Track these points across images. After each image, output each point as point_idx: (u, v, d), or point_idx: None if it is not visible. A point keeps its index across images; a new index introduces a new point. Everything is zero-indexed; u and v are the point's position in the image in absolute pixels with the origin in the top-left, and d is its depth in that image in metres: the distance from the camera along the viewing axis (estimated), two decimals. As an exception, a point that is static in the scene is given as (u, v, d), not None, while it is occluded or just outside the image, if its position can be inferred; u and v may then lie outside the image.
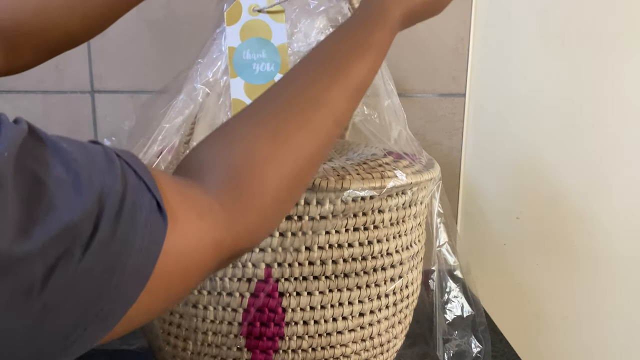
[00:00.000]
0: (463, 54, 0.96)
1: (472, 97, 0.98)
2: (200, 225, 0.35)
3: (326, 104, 0.43)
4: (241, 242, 0.39)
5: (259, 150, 0.40)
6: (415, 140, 0.65)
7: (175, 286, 0.35)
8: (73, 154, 0.30)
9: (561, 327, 1.04)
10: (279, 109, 0.42)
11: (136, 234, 0.31)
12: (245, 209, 0.39)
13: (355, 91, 0.45)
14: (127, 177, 0.32)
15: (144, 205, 0.32)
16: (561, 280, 1.02)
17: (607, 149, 0.97)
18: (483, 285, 0.72)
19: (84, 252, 0.28)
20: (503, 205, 1.00)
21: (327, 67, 0.45)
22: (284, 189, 0.41)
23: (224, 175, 0.39)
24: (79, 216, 0.28)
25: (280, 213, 0.43)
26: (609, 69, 0.94)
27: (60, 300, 0.28)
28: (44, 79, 0.91)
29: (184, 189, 0.37)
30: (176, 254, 0.34)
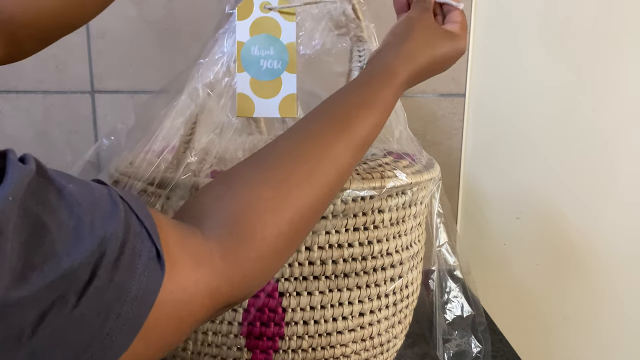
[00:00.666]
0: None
1: (472, 97, 0.98)
2: (197, 274, 0.35)
3: (330, 157, 0.44)
4: (237, 291, 0.39)
5: (261, 198, 0.40)
6: (415, 140, 0.65)
7: (168, 335, 0.34)
8: (78, 197, 0.30)
9: (561, 327, 1.04)
10: (283, 159, 0.43)
11: (133, 281, 0.31)
12: (244, 259, 0.38)
13: (359, 146, 0.46)
14: (130, 223, 0.31)
15: (143, 253, 0.31)
16: (561, 280, 1.02)
17: (607, 148, 0.97)
18: (483, 285, 0.72)
19: (79, 299, 0.28)
20: (503, 205, 1.00)
21: (333, 121, 0.45)
22: (284, 239, 0.41)
23: (224, 222, 0.39)
24: (78, 263, 0.28)
25: (278, 263, 0.43)
26: (609, 68, 0.94)
27: (49, 347, 0.27)
28: (44, 79, 0.92)
29: (184, 235, 0.36)
30: (172, 302, 0.33)
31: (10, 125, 0.93)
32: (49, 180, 0.30)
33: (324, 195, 0.43)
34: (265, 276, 0.42)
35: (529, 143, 0.98)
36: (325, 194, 0.43)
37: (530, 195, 0.99)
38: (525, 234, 1.00)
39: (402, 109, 0.64)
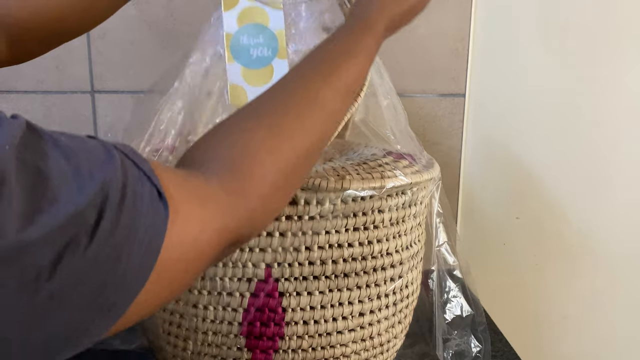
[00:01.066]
0: (463, 54, 0.96)
1: (472, 97, 0.98)
2: (203, 212, 0.36)
3: (319, 102, 0.46)
4: (244, 228, 0.40)
5: (257, 140, 0.42)
6: (415, 140, 0.65)
7: (180, 274, 0.35)
8: (73, 147, 0.31)
9: (561, 327, 1.04)
10: (274, 106, 0.45)
11: (139, 222, 0.31)
12: (246, 195, 0.40)
13: (346, 91, 0.48)
14: (127, 168, 0.32)
15: (144, 194, 0.32)
16: (561, 280, 1.02)
17: (607, 148, 0.97)
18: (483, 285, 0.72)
19: (91, 241, 0.28)
20: (503, 205, 1.00)
21: (319, 69, 0.48)
22: (282, 177, 0.42)
23: (224, 164, 0.40)
24: (84, 206, 0.29)
25: (280, 200, 0.45)
26: (609, 68, 0.94)
27: (67, 289, 0.28)
28: (44, 79, 0.92)
29: (185, 178, 0.37)
30: (180, 241, 0.34)
31: (11, 125, 0.93)
32: (41, 133, 0.30)
33: (317, 138, 0.46)
34: (269, 214, 0.44)
35: (528, 143, 0.98)
36: (317, 136, 0.46)
37: (530, 195, 0.99)
38: (525, 234, 1.00)
39: (402, 109, 0.64)
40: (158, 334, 0.62)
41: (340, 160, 0.64)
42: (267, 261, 0.56)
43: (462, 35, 0.95)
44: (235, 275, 0.56)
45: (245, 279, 0.56)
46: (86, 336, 0.30)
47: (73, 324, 0.29)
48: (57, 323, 0.28)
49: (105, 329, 0.31)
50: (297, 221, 0.55)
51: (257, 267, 0.56)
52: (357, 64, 0.49)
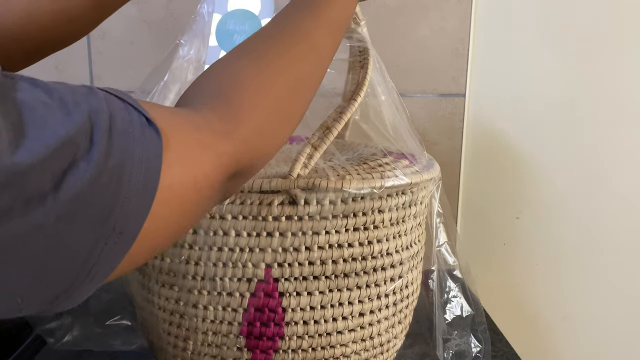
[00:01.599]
0: (463, 54, 0.96)
1: (472, 97, 0.98)
2: (199, 136, 0.36)
3: (304, 34, 0.47)
4: (242, 153, 0.40)
5: (244, 70, 0.42)
6: (416, 140, 0.65)
7: (187, 198, 0.35)
8: (53, 85, 0.30)
9: (561, 327, 1.04)
10: (259, 41, 0.46)
11: (133, 146, 0.31)
12: (238, 119, 0.40)
13: (330, 25, 0.50)
14: (111, 101, 0.32)
15: (133, 121, 0.32)
16: (561, 280, 1.02)
17: (607, 148, 0.97)
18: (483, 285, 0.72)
19: (88, 163, 0.28)
20: (503, 205, 1.00)
21: (299, 5, 0.50)
22: (274, 102, 0.43)
23: (213, 95, 0.41)
24: (74, 131, 0.28)
25: (276, 129, 0.45)
26: (609, 69, 0.94)
27: (74, 210, 0.28)
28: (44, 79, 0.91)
29: (175, 109, 0.38)
30: (179, 165, 0.34)
31: (10, 125, 0.93)
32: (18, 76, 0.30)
33: (306, 70, 0.46)
34: (265, 141, 0.43)
35: (528, 143, 0.98)
36: (306, 69, 0.46)
37: (530, 195, 0.99)
38: (525, 234, 1.00)
39: (403, 109, 0.64)
40: (158, 334, 0.62)
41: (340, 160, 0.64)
42: (267, 261, 0.56)
43: (462, 35, 0.95)
44: (235, 275, 0.56)
45: (245, 279, 0.56)
46: (102, 266, 0.30)
47: (86, 247, 0.29)
48: (69, 246, 0.28)
49: (121, 254, 0.31)
50: (297, 221, 0.55)
51: (257, 267, 0.56)
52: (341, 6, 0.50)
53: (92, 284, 0.30)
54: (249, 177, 0.44)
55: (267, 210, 0.54)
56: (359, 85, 0.58)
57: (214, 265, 0.56)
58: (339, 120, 0.56)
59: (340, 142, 0.74)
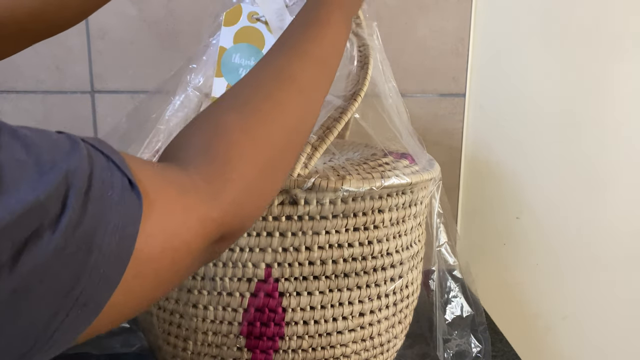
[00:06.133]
0: (463, 54, 0.96)
1: (472, 97, 0.98)
2: (183, 201, 0.34)
3: (288, 75, 0.45)
4: (229, 216, 0.38)
5: (229, 121, 0.41)
6: (416, 140, 0.65)
7: (164, 269, 0.33)
8: (34, 138, 0.29)
9: (561, 327, 1.04)
10: (243, 86, 0.44)
11: (110, 212, 0.29)
12: (226, 179, 0.38)
13: (315, 61, 0.47)
14: (94, 158, 0.30)
15: (115, 183, 0.30)
16: (561, 280, 1.02)
17: (607, 148, 0.97)
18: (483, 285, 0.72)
19: (54, 232, 0.27)
20: (503, 205, 1.00)
21: (284, 44, 0.48)
22: (263, 157, 0.41)
23: (198, 151, 0.39)
24: (45, 195, 0.27)
25: (267, 183, 0.42)
26: (609, 69, 0.94)
27: (33, 283, 0.26)
28: (44, 79, 0.92)
29: (160, 168, 0.36)
30: (159, 232, 0.32)
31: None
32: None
33: (294, 115, 0.44)
34: (255, 199, 0.41)
35: (529, 143, 0.98)
36: (293, 113, 0.44)
37: (530, 195, 0.99)
38: (525, 234, 1.00)
39: (404, 109, 0.64)
40: (157, 334, 0.62)
41: (340, 160, 0.64)
42: (267, 261, 0.56)
43: (462, 35, 0.95)
44: (235, 275, 0.56)
45: (245, 279, 0.56)
46: (63, 334, 0.29)
47: (43, 321, 0.27)
48: (25, 320, 0.27)
49: (83, 325, 0.29)
50: (297, 221, 0.55)
51: (257, 267, 0.56)
52: (323, 33, 0.48)
53: (52, 349, 0.29)
54: (236, 239, 0.42)
55: (267, 210, 0.54)
56: (360, 85, 0.58)
57: (214, 265, 0.56)
58: (339, 120, 0.56)
59: (340, 142, 0.74)
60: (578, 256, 1.01)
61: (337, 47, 0.50)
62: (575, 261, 1.01)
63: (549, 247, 1.01)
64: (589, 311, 1.03)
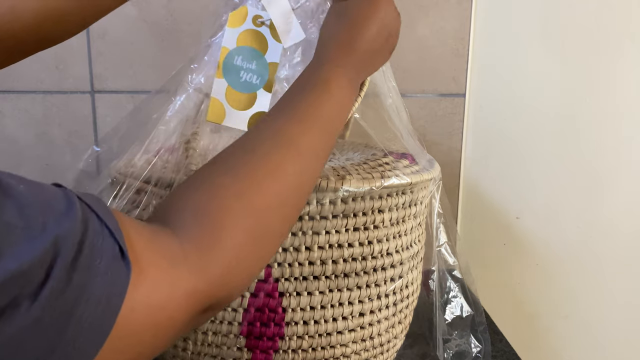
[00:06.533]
0: (463, 54, 0.96)
1: (472, 97, 0.98)
2: (172, 273, 0.33)
3: (286, 139, 0.43)
4: (217, 289, 0.37)
5: (222, 186, 0.39)
6: (416, 140, 0.65)
7: (145, 343, 0.32)
8: (28, 197, 0.28)
9: (561, 327, 1.04)
10: (242, 151, 0.43)
11: (95, 282, 0.28)
12: (219, 250, 0.37)
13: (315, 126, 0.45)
14: (88, 221, 0.30)
15: (105, 251, 0.30)
16: (561, 280, 1.02)
17: (607, 148, 0.97)
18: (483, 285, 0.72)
19: (33, 302, 0.26)
20: (503, 205, 1.00)
21: (285, 106, 0.46)
22: (256, 222, 0.39)
23: (191, 217, 0.38)
24: (28, 263, 0.26)
25: (257, 252, 0.41)
26: (609, 69, 0.94)
27: (6, 355, 0.26)
28: (44, 79, 0.92)
29: (154, 234, 0.35)
30: (145, 306, 0.31)
31: (10, 125, 0.93)
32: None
33: (292, 180, 0.42)
34: (246, 269, 0.40)
35: (529, 143, 0.98)
36: (290, 177, 0.42)
37: (530, 195, 0.99)
38: (525, 234, 1.00)
39: (404, 109, 0.64)
40: (158, 334, 0.62)
41: (340, 160, 0.64)
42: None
43: (462, 35, 0.95)
44: (235, 275, 0.56)
45: (245, 279, 0.56)
46: None
47: None
48: None
49: None
50: (297, 221, 0.55)
51: (257, 267, 0.56)
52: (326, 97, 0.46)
53: None
54: (222, 308, 0.41)
55: (267, 210, 0.54)
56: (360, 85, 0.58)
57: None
58: (339, 120, 0.56)
59: (340, 142, 0.74)
60: (578, 256, 1.01)
61: (340, 112, 0.48)
62: (575, 261, 1.01)
63: (549, 247, 1.01)
64: (589, 311, 1.03)
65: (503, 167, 0.99)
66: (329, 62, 0.49)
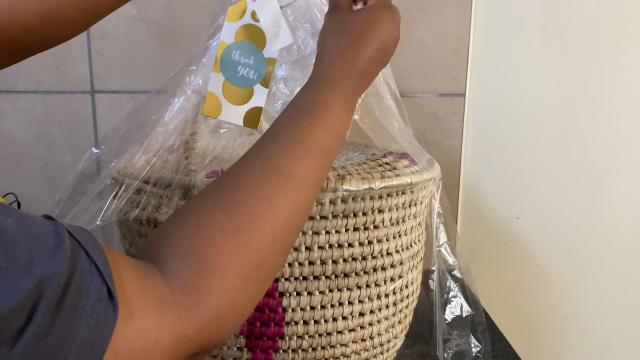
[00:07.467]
0: (463, 54, 0.96)
1: (472, 97, 0.98)
2: (159, 316, 0.32)
3: (282, 170, 0.41)
4: (206, 333, 0.35)
5: (211, 224, 0.38)
6: (416, 140, 0.66)
7: None
8: (15, 234, 0.27)
9: (561, 327, 1.04)
10: (233, 184, 0.41)
11: (79, 325, 0.28)
12: (208, 292, 0.35)
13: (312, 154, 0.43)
14: (76, 260, 0.29)
15: (92, 292, 0.28)
16: (561, 280, 1.02)
17: (607, 148, 0.97)
18: (483, 285, 0.72)
19: (12, 349, 0.25)
20: (503, 205, 1.00)
21: (278, 134, 0.44)
22: (247, 263, 0.38)
23: (180, 256, 0.36)
24: (9, 307, 0.25)
25: (248, 294, 0.39)
26: (609, 69, 0.94)
27: None
28: (44, 79, 0.92)
29: (143, 274, 0.34)
30: (130, 350, 0.30)
31: (10, 125, 0.93)
32: None
33: (287, 214, 0.41)
34: (236, 313, 0.38)
35: (529, 143, 0.98)
36: (283, 208, 0.40)
37: (530, 195, 0.99)
38: (525, 234, 1.00)
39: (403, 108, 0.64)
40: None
41: (340, 160, 0.64)
42: (267, 261, 0.56)
43: (462, 35, 0.95)
44: (235, 275, 0.56)
45: (245, 279, 0.56)
46: None
47: None
48: None
49: None
50: (297, 221, 0.55)
51: (257, 267, 0.56)
52: (321, 121, 0.45)
53: None
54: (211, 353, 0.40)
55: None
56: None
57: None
58: (339, 120, 0.56)
59: (340, 142, 0.74)
60: (578, 256, 1.01)
61: (336, 135, 0.46)
62: (575, 261, 1.01)
63: (549, 247, 1.01)
64: (589, 311, 1.03)
65: (503, 167, 0.99)
66: (326, 83, 0.47)
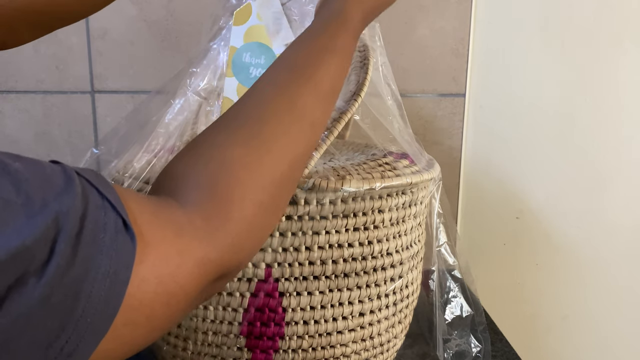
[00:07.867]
0: (463, 54, 0.96)
1: (472, 97, 0.98)
2: (179, 243, 0.33)
3: (299, 107, 0.42)
4: (227, 257, 0.36)
5: (234, 157, 0.38)
6: (416, 140, 0.66)
7: (158, 315, 0.32)
8: (26, 174, 0.27)
9: (561, 327, 1.04)
10: (251, 117, 0.41)
11: (101, 256, 0.28)
12: (227, 220, 0.36)
13: (326, 94, 0.45)
14: (89, 196, 0.29)
15: (108, 225, 0.29)
16: (561, 280, 1.02)
17: (607, 148, 0.97)
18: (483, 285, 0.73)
19: (39, 280, 0.25)
20: (503, 205, 1.00)
21: (295, 73, 0.44)
22: (266, 195, 0.39)
23: (199, 187, 0.37)
24: (31, 240, 0.25)
25: (268, 220, 0.40)
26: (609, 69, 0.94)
27: (15, 335, 0.25)
28: (44, 79, 0.92)
29: (158, 206, 0.34)
30: (156, 277, 0.31)
31: (10, 125, 0.93)
32: None
33: (300, 148, 0.42)
34: (256, 237, 0.40)
35: (529, 143, 0.98)
36: (300, 146, 0.42)
37: (530, 195, 0.99)
38: (525, 234, 1.00)
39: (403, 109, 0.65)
40: (158, 334, 0.62)
41: (340, 160, 0.64)
42: (267, 261, 0.56)
43: (462, 35, 0.95)
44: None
45: (245, 279, 0.56)
46: None
47: None
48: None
49: None
50: (297, 221, 0.55)
51: (257, 267, 0.56)
52: (335, 64, 0.46)
53: None
54: (234, 276, 0.40)
55: (267, 210, 0.54)
56: (360, 85, 0.58)
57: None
58: (339, 120, 0.56)
59: (340, 142, 0.74)
60: (578, 256, 1.01)
61: (345, 75, 0.48)
62: (575, 261, 1.01)
63: (549, 247, 1.01)
64: (589, 311, 1.03)
65: (503, 167, 0.99)
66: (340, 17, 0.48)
